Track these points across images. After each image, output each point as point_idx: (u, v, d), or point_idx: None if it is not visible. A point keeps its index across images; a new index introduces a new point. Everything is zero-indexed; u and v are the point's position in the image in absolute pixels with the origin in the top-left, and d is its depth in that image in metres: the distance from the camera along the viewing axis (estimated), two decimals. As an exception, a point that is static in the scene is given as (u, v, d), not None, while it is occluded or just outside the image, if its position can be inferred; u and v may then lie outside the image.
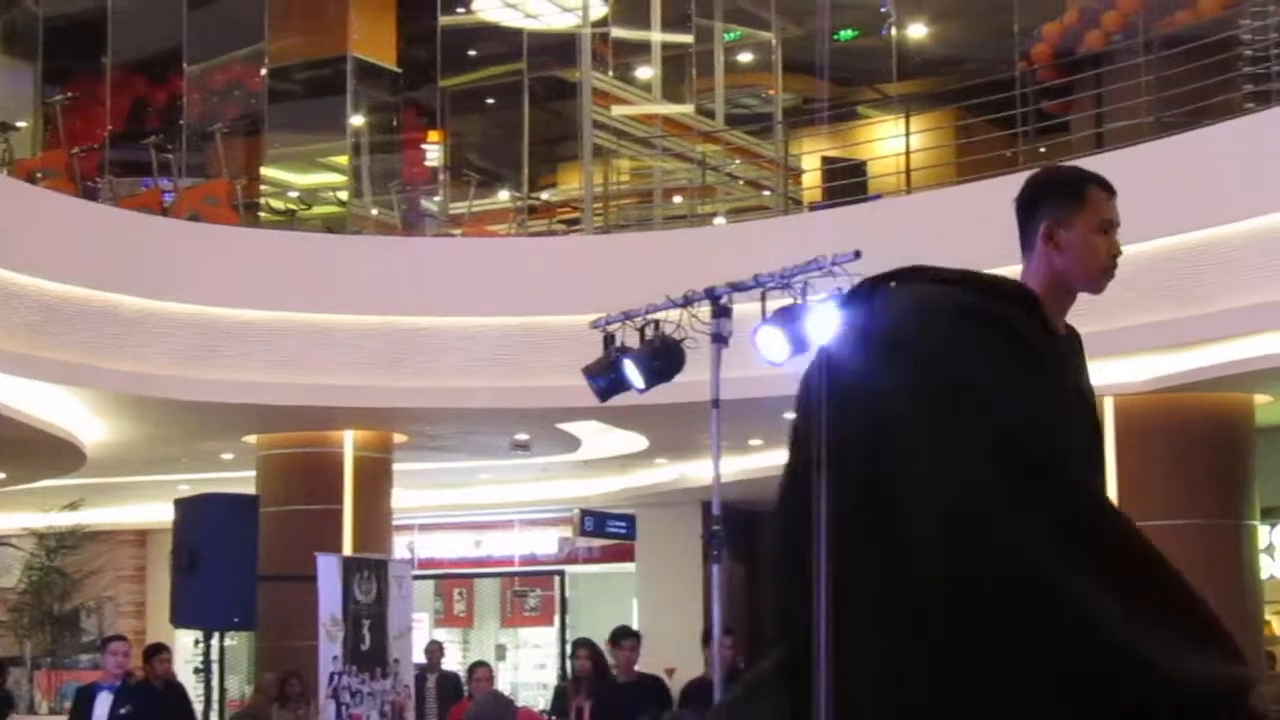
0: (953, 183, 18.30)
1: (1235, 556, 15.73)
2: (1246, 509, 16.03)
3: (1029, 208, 5.07)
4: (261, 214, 20.88)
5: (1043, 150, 18.73)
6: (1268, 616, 17.97)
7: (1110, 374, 15.44)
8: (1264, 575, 17.39)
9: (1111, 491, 15.71)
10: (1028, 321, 3.92)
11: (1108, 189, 4.99)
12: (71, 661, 23.93)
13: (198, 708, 14.30)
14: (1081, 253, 4.92)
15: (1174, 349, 14.39)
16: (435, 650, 19.39)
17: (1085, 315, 5.04)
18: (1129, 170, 14.70)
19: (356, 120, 22.40)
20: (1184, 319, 13.69)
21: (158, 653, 14.53)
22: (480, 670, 16.43)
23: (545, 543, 27.64)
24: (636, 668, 12.84)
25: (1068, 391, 4.68)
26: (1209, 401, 15.35)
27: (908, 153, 17.85)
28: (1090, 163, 15.43)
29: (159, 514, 22.86)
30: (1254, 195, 13.90)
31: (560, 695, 16.64)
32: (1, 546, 19.90)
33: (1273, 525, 18.52)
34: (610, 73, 22.58)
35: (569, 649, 14.17)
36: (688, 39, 23.22)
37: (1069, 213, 4.94)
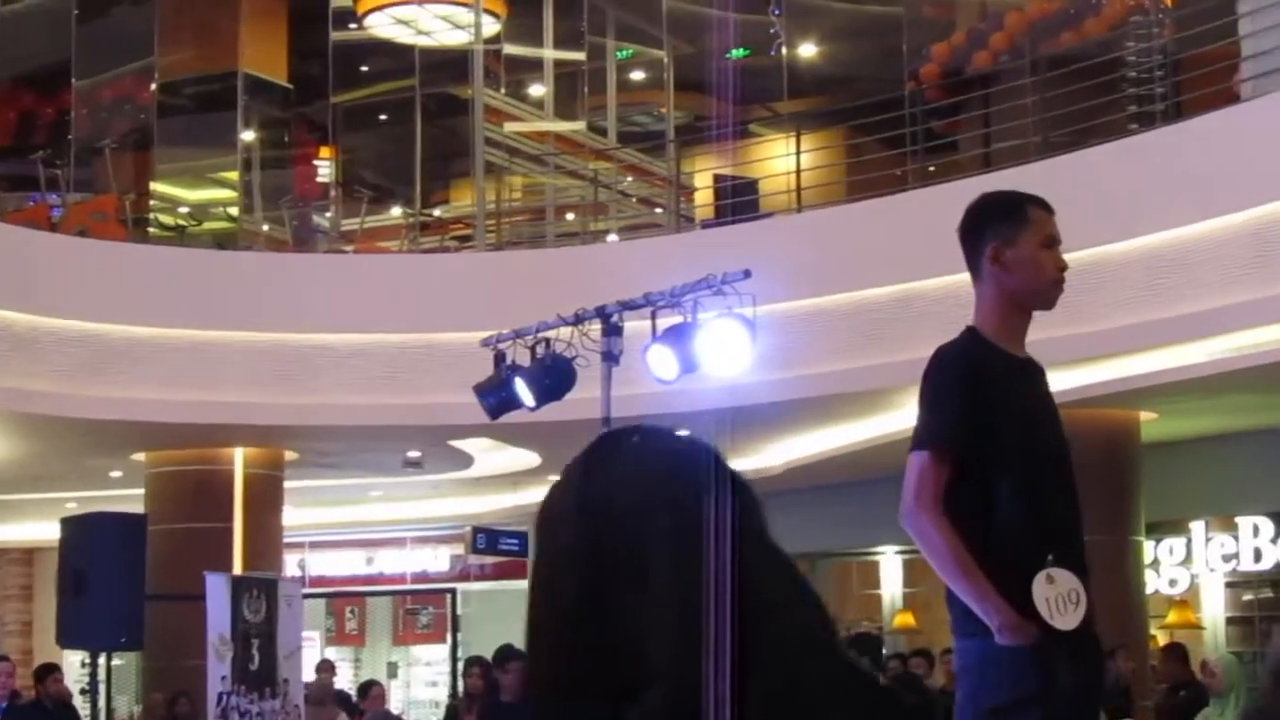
0: (843, 201, 18.42)
1: (1121, 571, 15.90)
2: (1132, 524, 16.23)
3: (974, 234, 5.18)
4: (151, 229, 20.71)
5: (931, 169, 18.90)
6: (1153, 631, 18.17)
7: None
8: (1149, 590, 17.59)
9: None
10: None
11: (1046, 207, 5.17)
12: (-44, 682, 23.66)
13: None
14: (1029, 269, 5.06)
15: (1061, 366, 14.54)
16: (325, 684, 19.25)
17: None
18: (1016, 189, 14.86)
19: (247, 135, 22.30)
20: (1071, 336, 13.83)
21: (50, 673, 14.42)
22: (374, 689, 16.39)
23: (437, 560, 27.55)
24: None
25: (1037, 400, 5.00)
26: (1096, 418, 15.52)
27: (798, 171, 17.96)
28: (977, 182, 15.61)
29: (46, 532, 22.60)
30: (1138, 215, 14.10)
31: (452, 713, 16.62)
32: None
33: (1157, 541, 18.73)
34: (503, 89, 22.58)
35: (461, 667, 14.10)
36: (580, 56, 23.25)
37: (1013, 232, 5.09)
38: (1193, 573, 19.17)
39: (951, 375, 4.92)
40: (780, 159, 18.97)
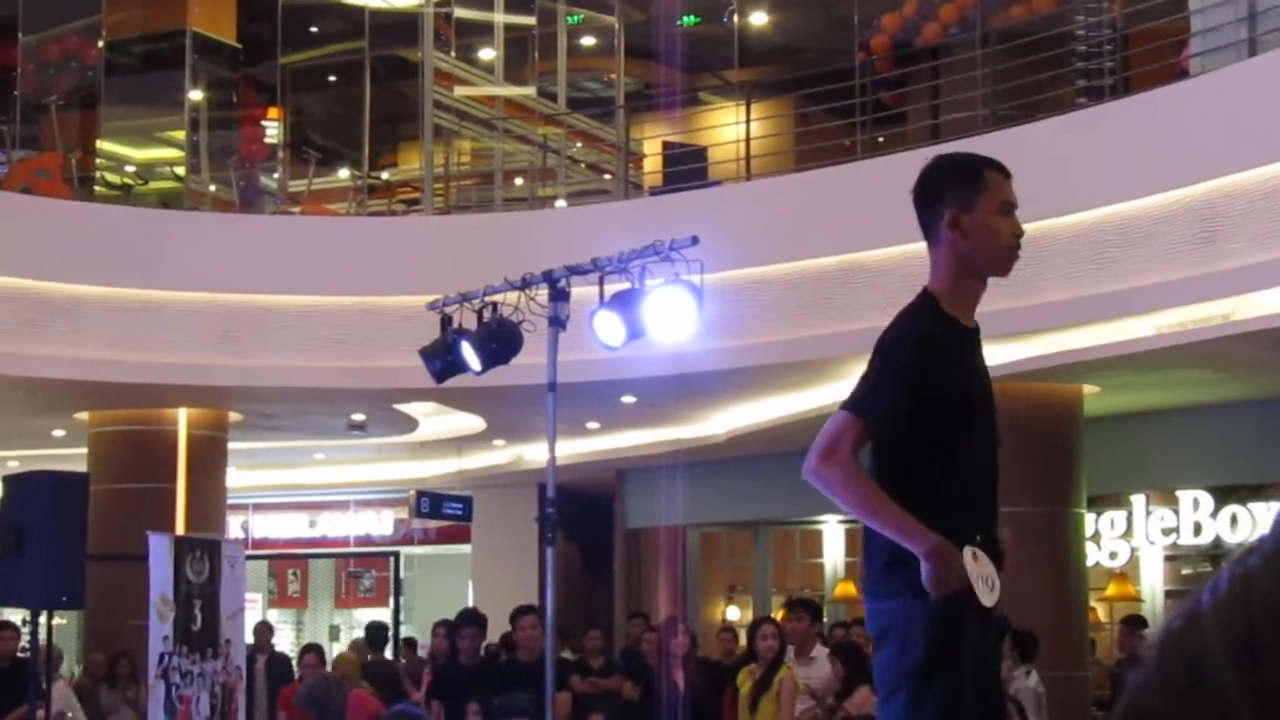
0: (791, 170, 18.46)
1: (1063, 544, 16.00)
2: (1074, 497, 16.32)
3: (929, 199, 5.13)
4: (97, 188, 20.61)
5: (880, 140, 18.96)
6: (1092, 603, 18.30)
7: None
8: (1089, 563, 17.70)
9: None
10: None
11: (1004, 171, 5.12)
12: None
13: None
14: (986, 235, 5.02)
15: (1004, 339, 14.60)
16: (264, 631, 19.29)
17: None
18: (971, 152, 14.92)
19: (195, 95, 22.16)
20: (1014, 310, 13.89)
21: (1, 629, 14.31)
22: (310, 655, 16.38)
23: (380, 524, 27.54)
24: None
25: (976, 374, 5.01)
26: (1039, 391, 15.60)
27: (747, 140, 17.97)
28: (925, 154, 15.64)
29: (-13, 491, 22.52)
30: (1084, 189, 14.16)
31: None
32: None
33: (1099, 514, 18.84)
34: (452, 53, 22.52)
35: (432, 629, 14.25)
36: (530, 21, 23.19)
37: (970, 197, 5.03)
38: (1133, 546, 19.29)
39: (903, 358, 4.93)
40: (729, 127, 18.98)
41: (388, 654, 19.54)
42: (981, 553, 4.84)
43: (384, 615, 27.03)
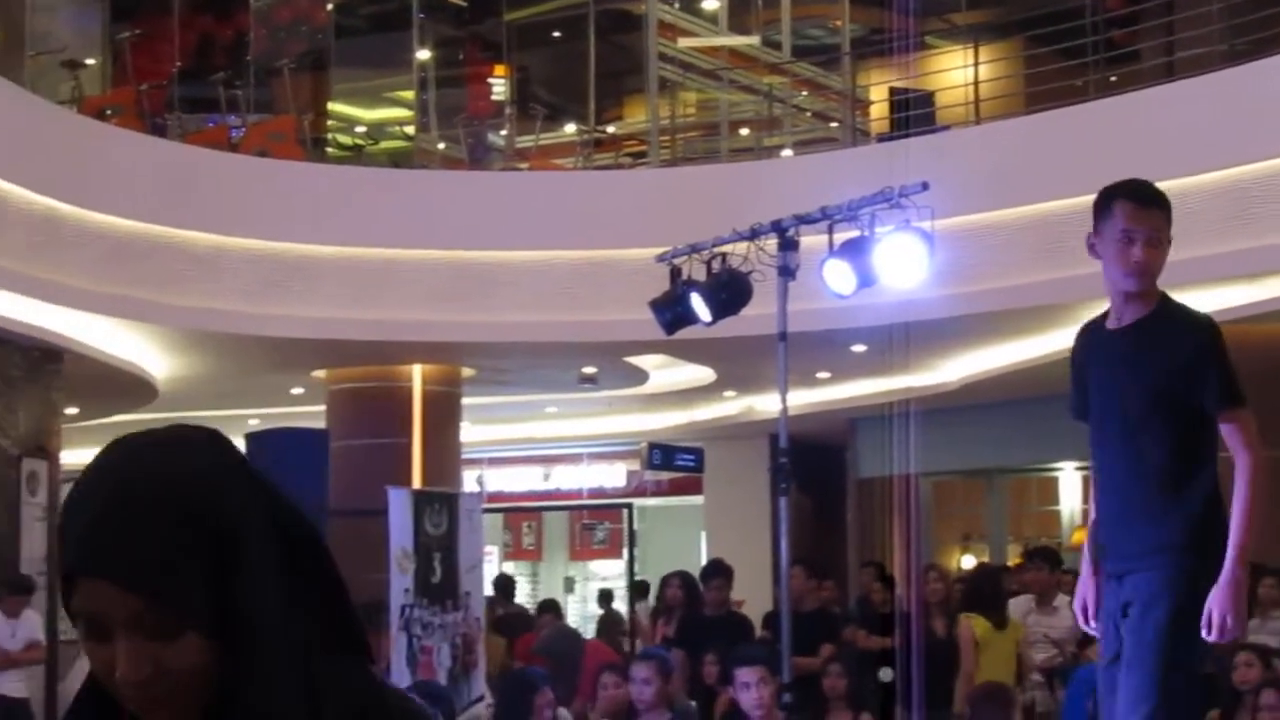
0: (1021, 113, 18.17)
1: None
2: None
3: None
4: (328, 149, 20.91)
5: (1112, 80, 18.58)
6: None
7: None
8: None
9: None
10: None
11: (1137, 199, 5.52)
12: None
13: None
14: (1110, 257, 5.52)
15: (1240, 280, 14.29)
16: (505, 584, 19.62)
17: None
18: (1199, 99, 14.58)
19: (422, 55, 22.38)
20: (1252, 249, 13.59)
21: None
22: (546, 615, 16.64)
23: (613, 476, 27.72)
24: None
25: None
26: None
27: (976, 83, 17.73)
28: (1159, 92, 15.33)
29: (230, 449, 22.98)
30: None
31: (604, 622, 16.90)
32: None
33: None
34: (676, 4, 22.50)
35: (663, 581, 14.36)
36: (754, -31, 23.10)
37: (1100, 224, 5.53)
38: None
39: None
40: (957, 70, 18.76)
41: (620, 607, 19.72)
42: None
43: (618, 567, 27.26)
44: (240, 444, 13.10)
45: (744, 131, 22.56)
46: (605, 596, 19.34)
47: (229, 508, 1.89)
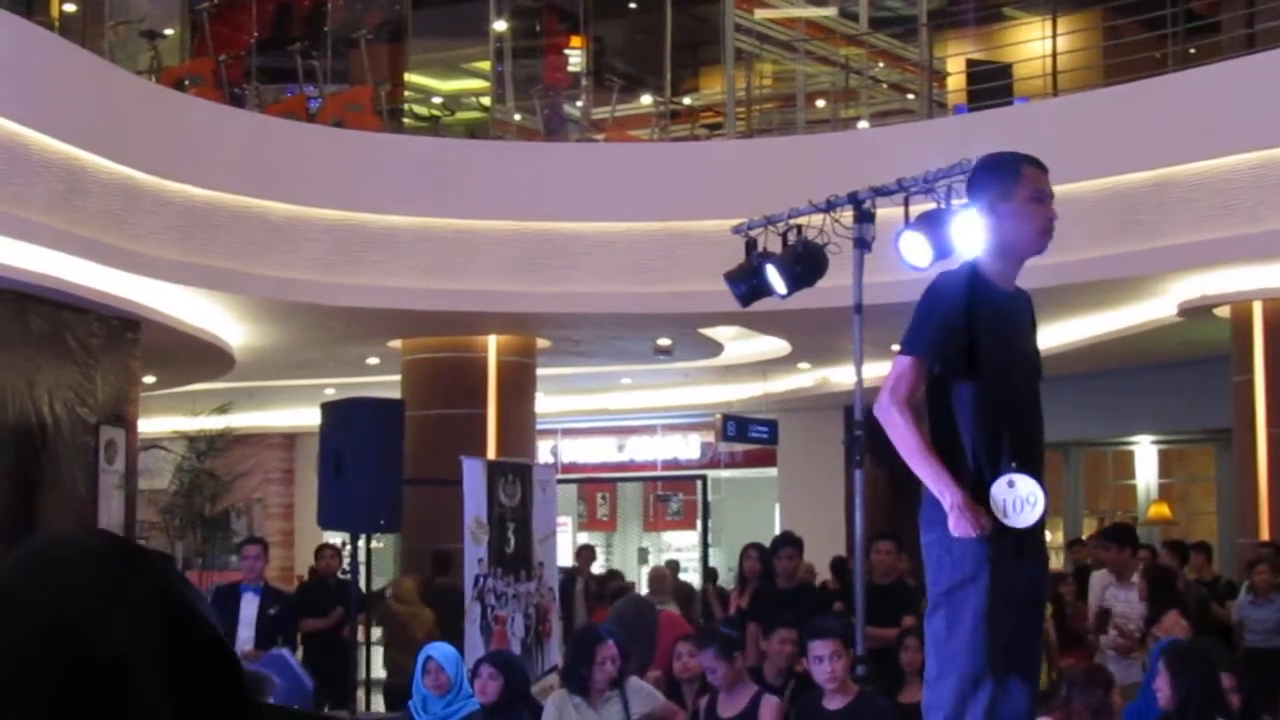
0: (1100, 85, 18.03)
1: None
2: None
3: (970, 189, 6.04)
4: (405, 120, 20.96)
5: (1192, 51, 18.41)
6: None
7: (1257, 279, 15.22)
8: None
9: (1260, 397, 15.56)
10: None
11: (1038, 165, 5.76)
12: (222, 562, 24.33)
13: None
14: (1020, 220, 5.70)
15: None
16: (585, 555, 19.71)
17: (1228, 220, 5.01)
18: (1281, 71, 14.44)
19: (499, 26, 22.40)
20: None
21: (323, 549, 16.50)
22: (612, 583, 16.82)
23: (687, 447, 27.74)
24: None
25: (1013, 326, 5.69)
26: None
27: (1054, 55, 17.61)
28: (1240, 64, 15.19)
29: (306, 418, 23.16)
30: None
31: (721, 593, 16.99)
32: (153, 449, 20.16)
33: None
34: (753, -25, 22.41)
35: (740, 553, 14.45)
36: (832, -60, 22.99)
37: (1009, 188, 5.70)
38: None
39: (945, 299, 5.64)
40: (1035, 42, 18.63)
41: (694, 580, 19.73)
42: (1020, 476, 5.46)
43: (691, 538, 27.28)
44: (316, 414, 13.21)
45: (820, 103, 22.47)
46: (672, 567, 19.37)
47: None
